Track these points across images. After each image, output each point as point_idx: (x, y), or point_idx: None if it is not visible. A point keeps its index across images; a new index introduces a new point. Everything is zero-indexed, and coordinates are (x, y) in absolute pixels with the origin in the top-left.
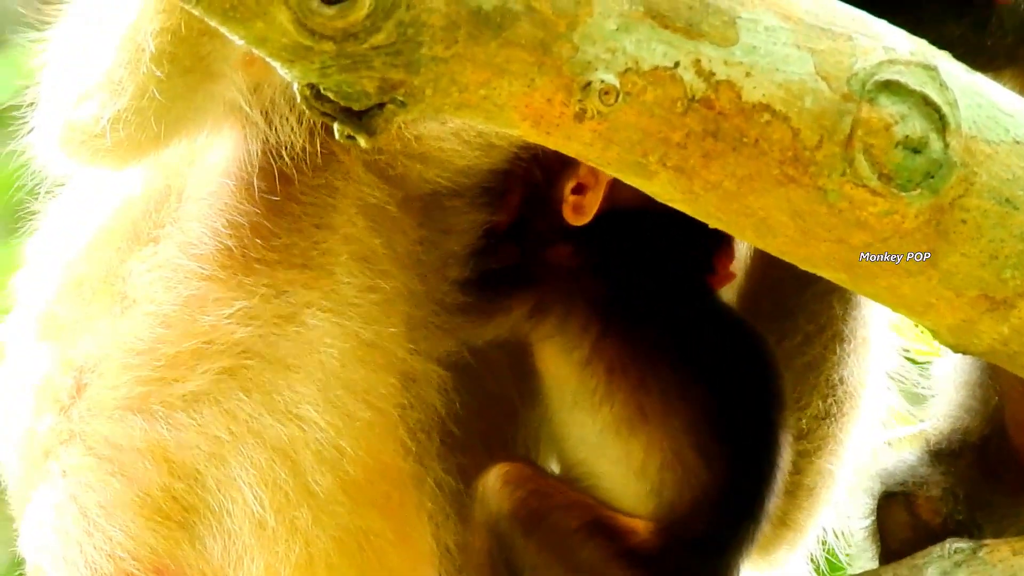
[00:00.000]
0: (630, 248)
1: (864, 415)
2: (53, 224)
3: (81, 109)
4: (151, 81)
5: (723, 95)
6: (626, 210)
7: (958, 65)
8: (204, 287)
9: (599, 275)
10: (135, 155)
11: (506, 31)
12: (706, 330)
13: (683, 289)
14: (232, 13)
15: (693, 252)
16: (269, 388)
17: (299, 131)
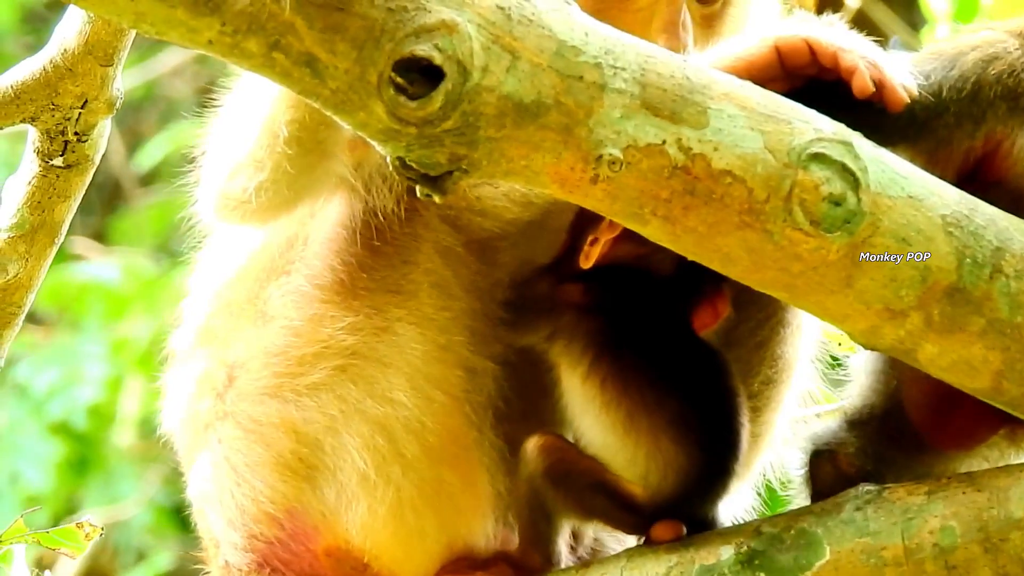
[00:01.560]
0: (622, 293)
1: (796, 382)
2: (207, 262)
3: (232, 182)
4: (284, 159)
5: (698, 164)
6: (623, 266)
7: (867, 141)
8: (323, 307)
9: (597, 312)
10: (273, 216)
11: (541, 118)
12: (679, 354)
13: (664, 323)
14: (343, 106)
15: (674, 299)
16: (370, 380)
17: (389, 196)
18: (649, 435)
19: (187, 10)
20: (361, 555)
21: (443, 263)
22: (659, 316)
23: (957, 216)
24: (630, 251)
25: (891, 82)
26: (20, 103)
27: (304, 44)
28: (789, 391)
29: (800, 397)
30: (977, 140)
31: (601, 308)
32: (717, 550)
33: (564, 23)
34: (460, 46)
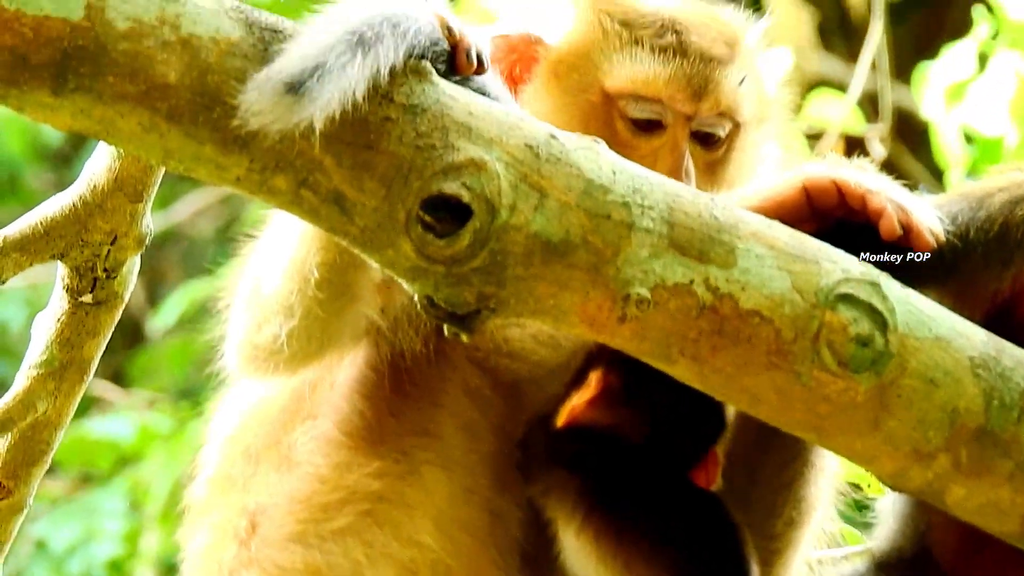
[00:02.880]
0: (609, 452)
1: (818, 523)
2: (224, 409)
3: (262, 332)
4: (315, 303)
5: (726, 304)
6: (610, 431)
7: (895, 282)
8: (350, 454)
9: (586, 469)
10: (305, 364)
11: (568, 257)
12: (673, 504)
13: (656, 477)
14: (371, 244)
15: (673, 460)
16: (396, 522)
17: (417, 338)
18: None
19: (216, 147)
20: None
21: (471, 405)
22: (650, 472)
23: (984, 358)
24: (606, 416)
25: (918, 226)
26: (50, 239)
27: (332, 182)
28: (811, 531)
29: (826, 538)
30: (1005, 281)
31: (589, 465)
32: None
33: (592, 161)
34: (488, 184)
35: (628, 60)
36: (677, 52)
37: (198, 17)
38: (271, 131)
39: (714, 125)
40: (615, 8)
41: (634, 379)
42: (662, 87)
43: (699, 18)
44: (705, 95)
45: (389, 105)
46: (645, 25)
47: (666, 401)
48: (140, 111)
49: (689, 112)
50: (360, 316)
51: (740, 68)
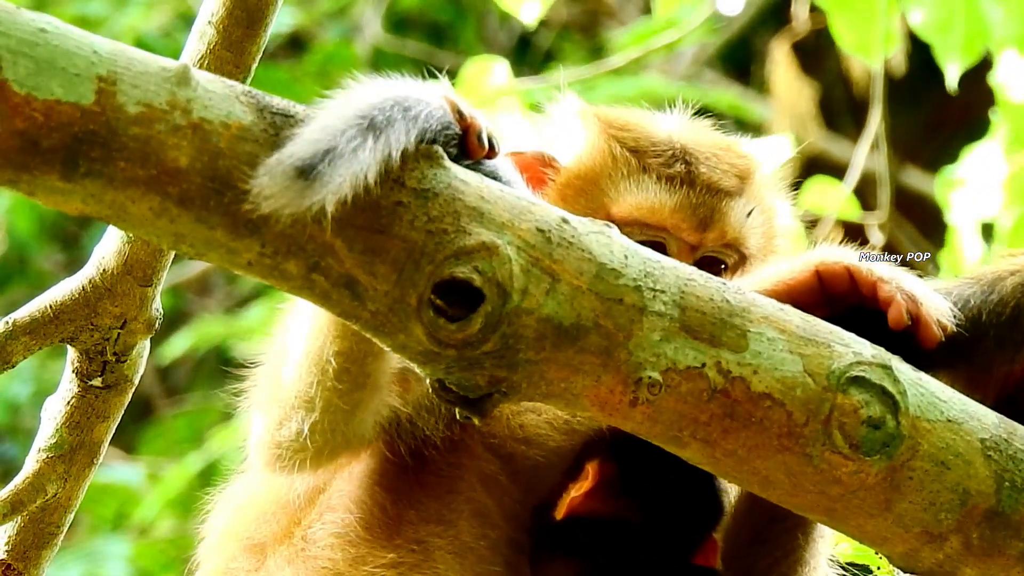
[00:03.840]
0: (606, 542)
1: None
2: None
3: (284, 429)
4: (335, 395)
5: (737, 387)
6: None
7: (906, 365)
8: (366, 548)
9: (582, 558)
10: (332, 459)
11: (580, 341)
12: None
13: (662, 563)
14: (382, 328)
15: (672, 545)
16: None
17: (436, 427)
18: None
19: (227, 232)
20: None
21: (485, 491)
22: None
23: (996, 440)
24: (603, 506)
25: (927, 318)
26: (59, 323)
27: (344, 266)
28: None
29: None
30: (1017, 364)
31: (588, 553)
32: None
33: (603, 245)
34: (500, 268)
35: (635, 187)
36: (684, 182)
37: (209, 102)
38: (283, 215)
39: (720, 255)
40: (626, 135)
41: (630, 469)
42: (667, 216)
43: (712, 148)
44: (711, 226)
45: (401, 190)
46: (655, 154)
47: (663, 490)
48: (151, 196)
49: (694, 242)
50: (382, 406)
51: (749, 201)
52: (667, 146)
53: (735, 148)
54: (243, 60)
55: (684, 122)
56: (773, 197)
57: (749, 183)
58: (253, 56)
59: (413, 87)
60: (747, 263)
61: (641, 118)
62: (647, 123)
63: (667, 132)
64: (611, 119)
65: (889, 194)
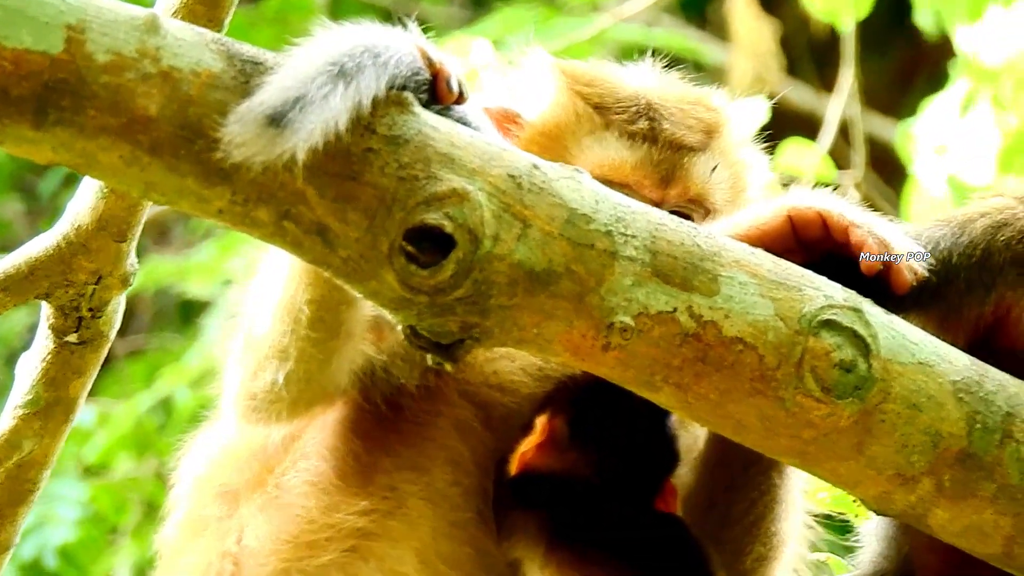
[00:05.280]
0: (565, 492)
1: (789, 558)
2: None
3: (259, 380)
4: (309, 343)
5: (709, 331)
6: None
7: (877, 308)
8: (340, 495)
9: (543, 507)
10: (308, 408)
11: (552, 286)
12: (635, 529)
13: (621, 508)
14: (354, 275)
15: (636, 488)
16: (381, 556)
17: (411, 374)
18: None
19: (198, 180)
20: None
21: (459, 439)
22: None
23: (968, 382)
24: (555, 460)
25: (899, 263)
26: (34, 279)
27: (315, 214)
28: (782, 567)
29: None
30: (987, 306)
31: (546, 504)
32: None
33: (575, 191)
34: (471, 215)
35: (597, 144)
36: (647, 138)
37: (179, 50)
38: (254, 163)
39: (684, 209)
40: (592, 90)
41: (579, 422)
42: (629, 172)
43: (678, 103)
44: (673, 182)
45: (371, 136)
46: (619, 110)
47: (614, 440)
48: (121, 144)
49: (656, 198)
50: (357, 354)
51: (714, 156)
52: (632, 102)
53: (704, 102)
54: (216, 14)
55: (653, 76)
56: (743, 152)
57: (716, 138)
58: (226, 10)
59: (382, 33)
60: (713, 218)
61: (609, 73)
62: (614, 78)
63: (633, 87)
64: (577, 74)
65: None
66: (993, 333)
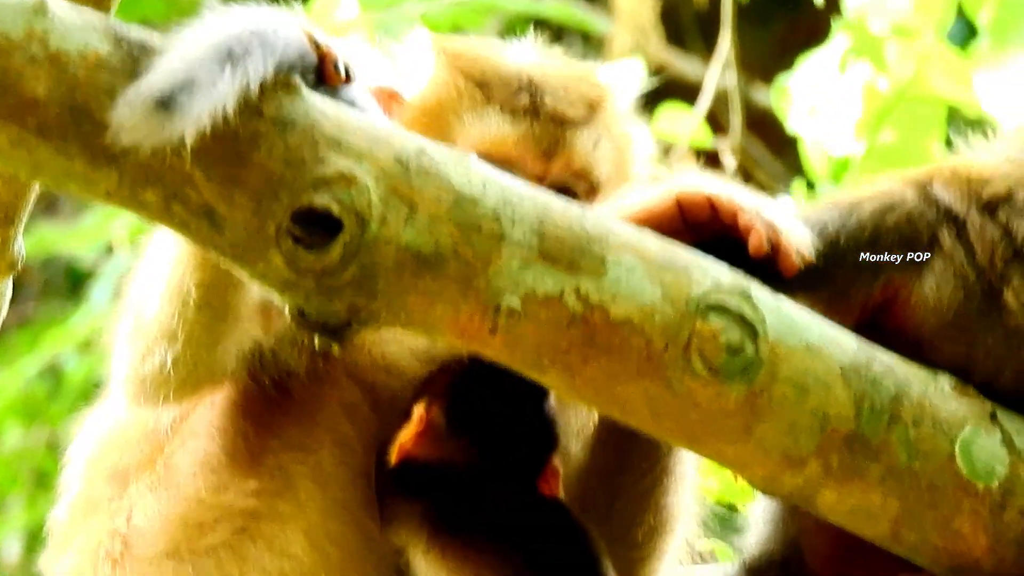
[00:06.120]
0: (443, 478)
1: (681, 531)
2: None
3: (147, 363)
4: (197, 326)
5: (596, 314)
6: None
7: (765, 290)
8: (228, 475)
9: (423, 494)
10: (195, 390)
11: (439, 269)
12: (517, 512)
13: (502, 494)
14: (242, 257)
15: (516, 473)
16: (269, 535)
17: (299, 358)
18: None
19: (85, 162)
20: None
21: (347, 420)
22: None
23: (856, 364)
24: (433, 449)
25: (787, 247)
26: None
27: (202, 196)
28: (673, 540)
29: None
30: (875, 288)
31: (427, 492)
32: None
33: (462, 174)
34: (358, 197)
35: (478, 121)
36: (529, 113)
37: (66, 32)
38: (142, 147)
39: (568, 183)
40: (473, 67)
41: (456, 410)
42: (511, 147)
43: (561, 79)
44: (556, 156)
45: (259, 119)
46: (500, 86)
47: (492, 425)
48: (9, 126)
49: (539, 172)
50: (244, 337)
51: (597, 130)
52: (514, 78)
53: (587, 78)
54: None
55: (534, 52)
56: (627, 125)
57: (599, 112)
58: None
59: (269, 17)
60: (598, 192)
61: (491, 50)
62: (497, 55)
63: (515, 63)
64: (459, 52)
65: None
66: (881, 315)
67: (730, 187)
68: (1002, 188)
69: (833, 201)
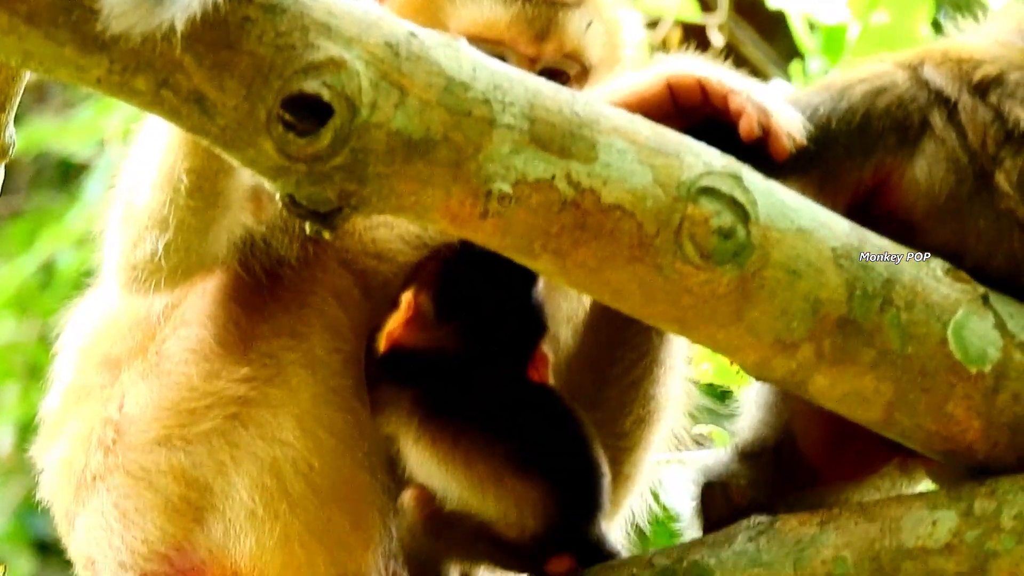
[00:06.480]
0: (433, 365)
1: (668, 421)
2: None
3: (138, 250)
4: (188, 212)
5: (587, 199)
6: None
7: (757, 174)
8: (220, 361)
9: (413, 381)
10: (186, 277)
11: (430, 154)
12: (505, 400)
13: (492, 380)
14: (232, 143)
15: (505, 359)
16: (261, 423)
17: (290, 245)
18: (492, 478)
19: (75, 49)
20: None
21: (338, 305)
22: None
23: (847, 248)
24: (422, 336)
25: (777, 130)
26: None
27: (193, 82)
28: (660, 431)
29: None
30: (867, 172)
31: (417, 378)
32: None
33: (452, 59)
34: (348, 83)
35: (471, 3)
36: None
37: None
38: (133, 34)
39: (560, 66)
40: None
41: (444, 297)
42: (503, 29)
43: None
44: (548, 37)
45: (248, 5)
46: None
47: (479, 314)
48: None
49: (532, 54)
50: (235, 224)
51: (588, 11)
52: None
53: None
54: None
55: None
56: (617, 9)
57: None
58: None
59: None
60: (589, 74)
61: None
62: None
63: None
64: None
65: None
66: (872, 199)
67: (721, 71)
68: (993, 70)
69: (824, 84)
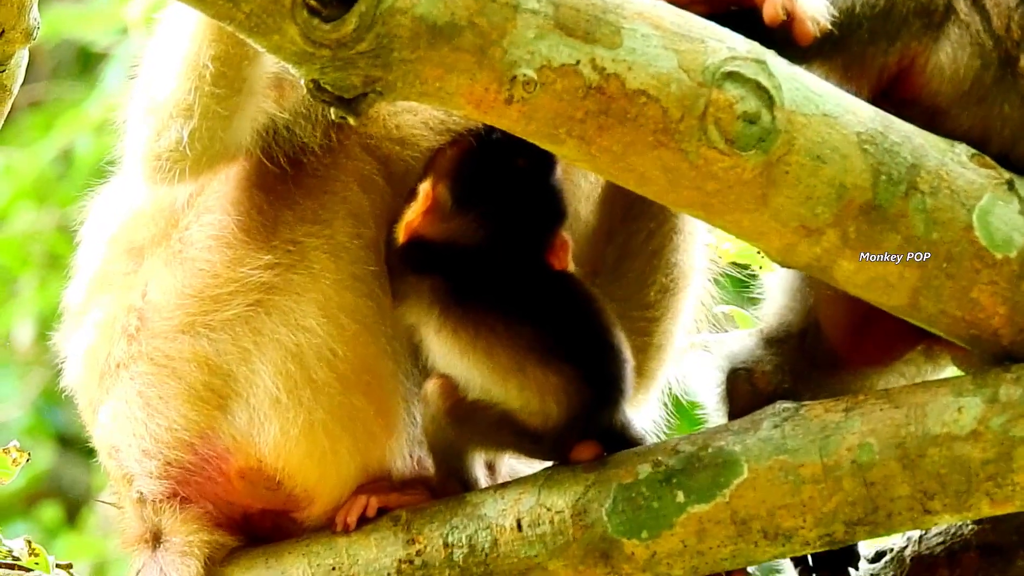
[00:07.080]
0: (453, 254)
1: (693, 290)
2: (101, 208)
3: (163, 139)
4: (212, 100)
5: (612, 84)
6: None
7: (782, 60)
8: (244, 249)
9: (434, 270)
10: (211, 166)
11: (455, 40)
12: (525, 287)
13: (513, 268)
14: (257, 29)
15: (525, 247)
16: (284, 310)
17: (313, 132)
18: (514, 366)
19: None
20: (274, 474)
21: (360, 191)
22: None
23: (872, 133)
24: (441, 226)
25: (802, 14)
26: None
27: None
28: (686, 300)
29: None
30: (891, 57)
31: (437, 267)
32: (635, 469)
33: None
34: None
35: None
36: None
37: None
38: None
39: None
40: None
41: (461, 187)
42: None
43: None
44: None
45: None
46: None
47: (496, 202)
48: None
49: None
50: (259, 112)
51: None
52: None
53: None
54: None
55: None
56: None
57: None
58: None
59: None
60: None
61: None
62: None
63: None
64: None
65: None
66: (896, 84)
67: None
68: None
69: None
